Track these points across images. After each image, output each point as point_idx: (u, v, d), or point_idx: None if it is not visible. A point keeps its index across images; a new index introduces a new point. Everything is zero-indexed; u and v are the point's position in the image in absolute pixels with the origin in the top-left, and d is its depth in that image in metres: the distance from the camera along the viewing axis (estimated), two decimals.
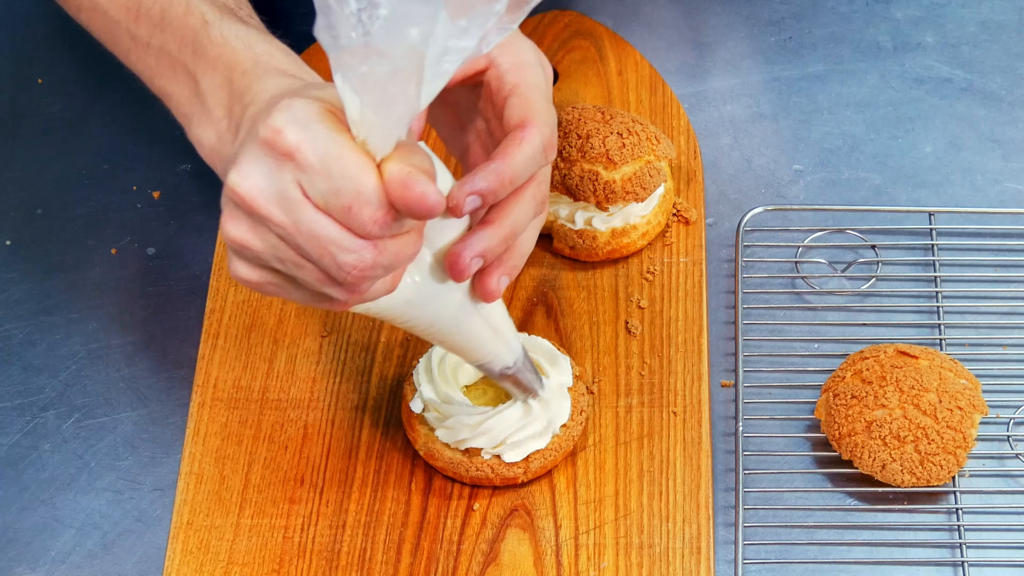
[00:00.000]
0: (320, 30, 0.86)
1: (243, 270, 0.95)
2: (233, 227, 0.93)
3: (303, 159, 0.89)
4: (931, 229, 1.27)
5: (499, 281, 1.00)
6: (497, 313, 1.04)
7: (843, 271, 1.26)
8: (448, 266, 0.97)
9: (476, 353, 1.06)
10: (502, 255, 1.00)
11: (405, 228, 0.92)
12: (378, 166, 0.90)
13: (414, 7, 0.85)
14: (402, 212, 0.90)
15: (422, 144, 0.94)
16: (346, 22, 0.85)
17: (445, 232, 0.98)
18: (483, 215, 0.99)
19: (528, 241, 1.02)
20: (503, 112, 1.00)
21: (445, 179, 0.96)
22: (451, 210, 0.94)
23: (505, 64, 1.00)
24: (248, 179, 0.91)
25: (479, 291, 1.00)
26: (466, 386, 1.16)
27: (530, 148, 0.97)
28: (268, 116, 0.90)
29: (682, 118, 1.32)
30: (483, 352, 1.06)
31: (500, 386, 1.11)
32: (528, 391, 1.11)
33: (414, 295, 0.98)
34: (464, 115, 1.06)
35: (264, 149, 0.90)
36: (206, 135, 1.00)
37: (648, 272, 1.25)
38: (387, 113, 0.89)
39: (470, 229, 0.99)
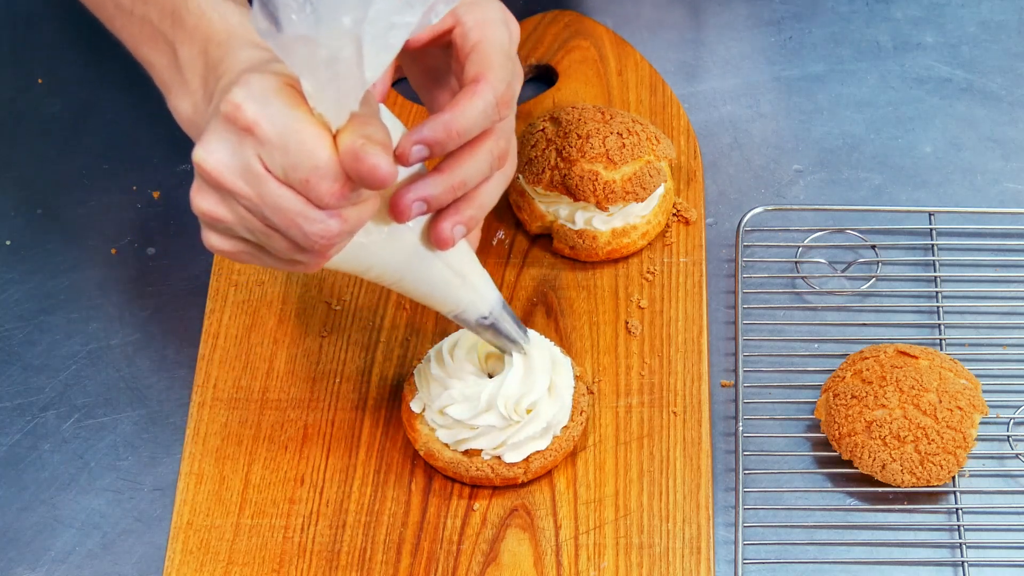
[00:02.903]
0: (256, 18, 0.89)
1: (216, 241, 0.98)
2: (202, 200, 0.96)
3: (262, 133, 0.92)
4: (931, 229, 1.27)
5: (453, 229, 1.02)
6: (463, 261, 1.06)
7: (843, 271, 1.26)
8: (390, 207, 0.99)
9: (446, 302, 1.07)
10: (458, 204, 1.02)
11: (364, 196, 0.95)
12: (334, 138, 0.92)
13: None
14: (357, 183, 0.93)
15: (383, 107, 0.97)
16: (283, 10, 0.88)
17: (399, 177, 1.00)
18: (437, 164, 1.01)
19: (488, 194, 1.04)
20: (464, 68, 1.02)
21: (399, 133, 0.99)
22: (398, 158, 0.97)
23: (469, 22, 1.02)
24: (213, 154, 0.94)
25: (432, 237, 1.03)
26: None
27: (481, 102, 0.99)
28: (228, 91, 0.93)
29: (682, 118, 1.32)
30: (453, 300, 1.07)
31: (484, 340, 1.12)
32: (511, 342, 1.11)
33: (367, 238, 1.00)
34: (440, 75, 1.08)
35: (226, 124, 0.93)
36: (183, 105, 1.03)
37: (648, 272, 1.25)
38: (335, 89, 0.91)
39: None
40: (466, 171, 1.01)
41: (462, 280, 1.07)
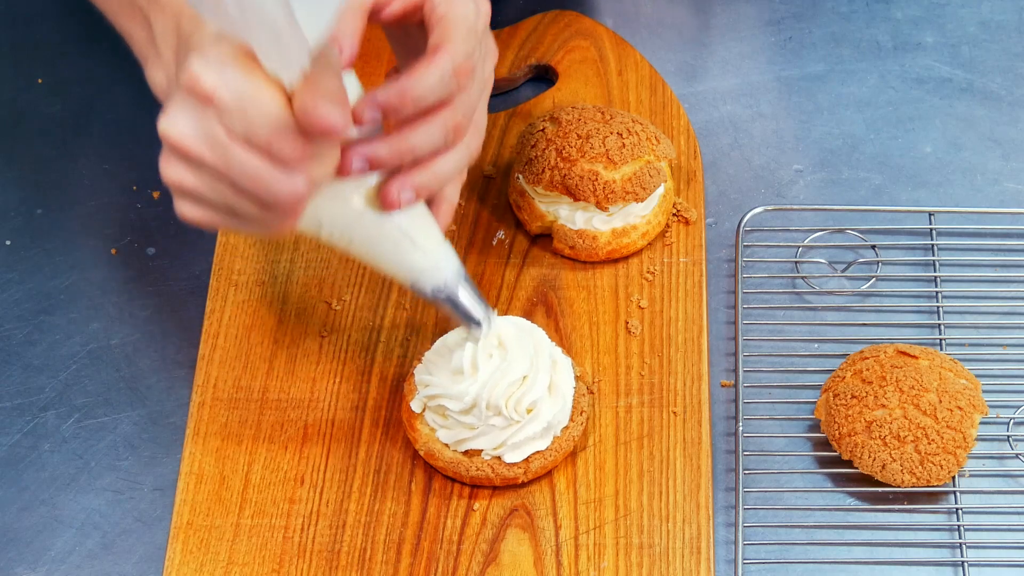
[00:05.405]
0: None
1: (188, 210, 1.00)
2: (171, 170, 0.98)
3: (220, 100, 0.94)
4: (931, 229, 1.27)
5: (400, 192, 1.03)
6: (418, 226, 1.06)
7: (843, 271, 1.26)
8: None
9: (398, 267, 1.07)
10: (409, 169, 1.03)
11: (326, 153, 0.97)
12: (290, 99, 0.94)
13: None
14: (313, 136, 0.95)
15: (351, 74, 0.99)
16: None
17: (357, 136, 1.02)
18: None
19: (445, 165, 1.04)
20: (429, 41, 1.03)
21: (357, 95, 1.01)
22: (351, 118, 0.98)
23: None
24: (176, 124, 0.96)
25: (379, 198, 1.04)
26: None
27: (437, 70, 1.00)
28: (186, 61, 0.95)
29: (682, 118, 1.32)
30: (406, 266, 1.07)
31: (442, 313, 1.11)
32: (470, 320, 1.10)
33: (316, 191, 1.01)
34: (420, 52, 1.08)
35: (187, 94, 0.95)
36: (158, 77, 1.04)
37: (648, 272, 1.25)
38: (279, 50, 0.93)
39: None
40: (415, 138, 1.02)
41: (413, 245, 1.06)
